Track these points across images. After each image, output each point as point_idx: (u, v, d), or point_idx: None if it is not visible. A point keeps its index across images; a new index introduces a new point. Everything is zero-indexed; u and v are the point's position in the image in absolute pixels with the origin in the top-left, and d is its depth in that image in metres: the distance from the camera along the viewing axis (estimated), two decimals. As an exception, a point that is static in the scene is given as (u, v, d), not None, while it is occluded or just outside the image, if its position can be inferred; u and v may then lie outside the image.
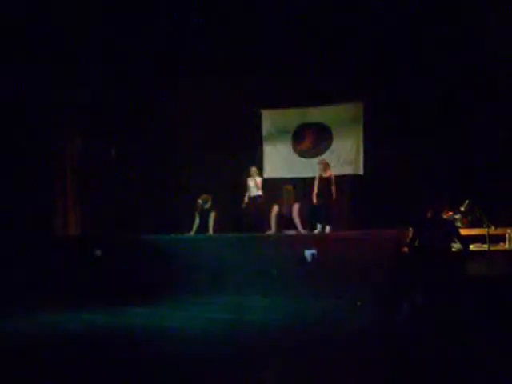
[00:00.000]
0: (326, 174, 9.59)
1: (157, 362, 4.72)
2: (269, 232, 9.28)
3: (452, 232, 6.35)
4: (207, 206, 9.65)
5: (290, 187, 9.80)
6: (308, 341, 5.46)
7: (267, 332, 5.93)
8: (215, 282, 8.13)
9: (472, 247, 6.61)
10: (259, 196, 10.13)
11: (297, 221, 9.22)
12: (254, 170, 10.37)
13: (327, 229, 9.37)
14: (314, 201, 9.41)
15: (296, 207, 9.30)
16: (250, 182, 10.27)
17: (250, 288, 7.88)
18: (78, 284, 8.29)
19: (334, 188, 9.50)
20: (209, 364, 4.57)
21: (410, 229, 6.70)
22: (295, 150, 11.36)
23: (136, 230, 9.95)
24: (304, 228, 9.35)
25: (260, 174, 10.74)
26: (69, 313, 7.23)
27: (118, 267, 8.51)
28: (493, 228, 7.16)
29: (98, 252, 8.94)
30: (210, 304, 7.62)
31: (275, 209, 9.38)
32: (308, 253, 7.96)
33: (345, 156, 10.88)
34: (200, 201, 9.69)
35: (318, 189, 9.48)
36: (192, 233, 9.55)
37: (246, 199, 10.17)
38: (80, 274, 8.45)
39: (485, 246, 6.69)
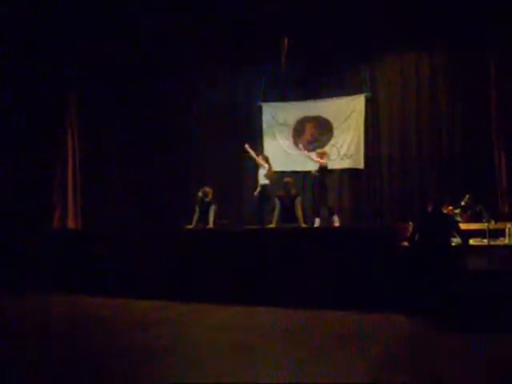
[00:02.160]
0: (319, 162, 9.56)
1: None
2: (270, 226, 9.28)
3: (452, 226, 6.36)
4: (207, 199, 9.57)
5: (289, 179, 9.79)
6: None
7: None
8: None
9: (472, 242, 6.62)
10: (267, 185, 9.80)
11: (298, 214, 9.22)
12: (264, 156, 10.05)
13: (335, 219, 9.36)
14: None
15: (298, 201, 9.29)
16: (261, 170, 9.89)
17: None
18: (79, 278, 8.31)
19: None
20: None
21: (410, 223, 6.71)
22: (295, 143, 11.37)
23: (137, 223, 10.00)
24: (305, 222, 9.36)
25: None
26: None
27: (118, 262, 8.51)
28: (493, 222, 7.17)
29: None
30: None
31: (278, 203, 9.37)
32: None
33: (345, 149, 10.89)
34: (200, 194, 9.62)
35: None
36: (192, 226, 9.54)
37: (259, 188, 9.89)
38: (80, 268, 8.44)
39: (484, 241, 6.70)
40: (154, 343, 5.14)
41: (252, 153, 10.12)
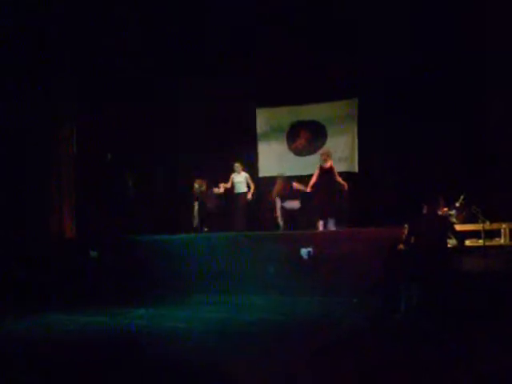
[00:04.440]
0: (327, 165, 9.31)
1: (155, 362, 4.74)
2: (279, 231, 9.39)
3: (447, 228, 6.38)
4: (202, 189, 10.22)
5: (281, 178, 9.94)
6: (306, 338, 5.50)
7: (263, 330, 5.97)
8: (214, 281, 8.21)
9: (467, 243, 6.64)
10: (246, 193, 10.29)
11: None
12: (237, 165, 10.44)
13: (330, 223, 9.19)
14: (308, 189, 9.30)
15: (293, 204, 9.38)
16: (237, 178, 10.37)
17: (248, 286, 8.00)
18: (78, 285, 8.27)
19: (339, 179, 9.37)
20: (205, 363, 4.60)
21: (406, 225, 6.72)
22: (290, 148, 11.39)
23: (132, 230, 9.98)
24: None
25: (256, 172, 10.78)
26: (68, 314, 7.22)
27: (115, 268, 8.50)
28: (488, 223, 7.19)
29: (94, 253, 8.92)
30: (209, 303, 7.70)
31: (278, 205, 9.50)
32: (304, 251, 8.00)
33: (340, 153, 10.87)
34: (196, 185, 10.24)
35: (317, 180, 9.28)
36: (195, 221, 10.10)
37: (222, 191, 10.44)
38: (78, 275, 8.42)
39: (480, 242, 6.73)
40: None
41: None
